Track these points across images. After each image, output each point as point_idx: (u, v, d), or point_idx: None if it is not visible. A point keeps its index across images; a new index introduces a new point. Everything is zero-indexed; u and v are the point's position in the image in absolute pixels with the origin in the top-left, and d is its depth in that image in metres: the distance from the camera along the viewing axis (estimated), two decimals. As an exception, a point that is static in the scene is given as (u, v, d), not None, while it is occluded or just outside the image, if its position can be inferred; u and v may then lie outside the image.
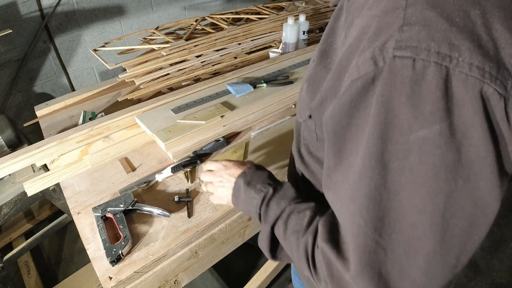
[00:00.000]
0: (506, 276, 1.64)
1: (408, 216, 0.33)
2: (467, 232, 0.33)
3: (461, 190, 0.31)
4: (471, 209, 0.32)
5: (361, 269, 0.36)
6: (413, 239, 0.33)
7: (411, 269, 0.35)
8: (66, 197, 0.86)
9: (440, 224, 0.32)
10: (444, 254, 0.34)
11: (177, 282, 0.78)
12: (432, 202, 0.32)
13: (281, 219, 0.49)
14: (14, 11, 1.72)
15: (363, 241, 0.36)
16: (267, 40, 1.50)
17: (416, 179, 0.32)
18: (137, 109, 1.02)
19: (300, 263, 0.46)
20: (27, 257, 1.69)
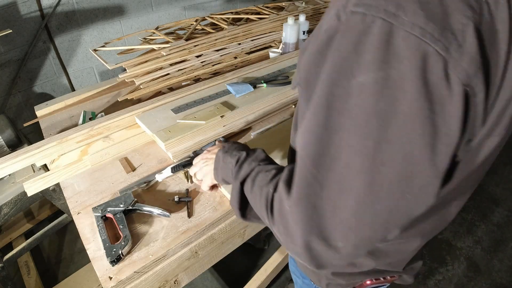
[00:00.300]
0: (506, 276, 1.64)
1: (344, 156, 0.35)
2: (398, 187, 0.35)
3: (392, 140, 0.33)
4: (401, 163, 0.34)
5: (298, 199, 0.40)
6: (346, 178, 0.36)
7: (342, 208, 0.37)
8: (66, 197, 0.86)
9: (370, 167, 0.34)
10: (374, 201, 0.36)
11: (177, 282, 0.78)
12: (364, 145, 0.34)
13: (249, 177, 0.54)
14: (14, 11, 1.72)
15: (304, 173, 0.39)
16: (267, 40, 1.50)
17: (352, 121, 0.34)
18: (137, 109, 1.02)
19: (261, 212, 0.49)
20: (27, 257, 1.69)
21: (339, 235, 0.39)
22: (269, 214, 0.47)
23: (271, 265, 1.52)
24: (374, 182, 0.35)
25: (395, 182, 0.35)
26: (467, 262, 1.71)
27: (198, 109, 1.01)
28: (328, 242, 0.39)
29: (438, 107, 0.32)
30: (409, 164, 0.34)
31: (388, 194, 0.36)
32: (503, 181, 2.16)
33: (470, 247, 1.78)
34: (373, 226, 0.38)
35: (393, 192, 0.35)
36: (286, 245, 0.44)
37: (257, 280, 1.49)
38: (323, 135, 0.37)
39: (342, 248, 0.39)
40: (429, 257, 1.73)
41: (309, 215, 0.39)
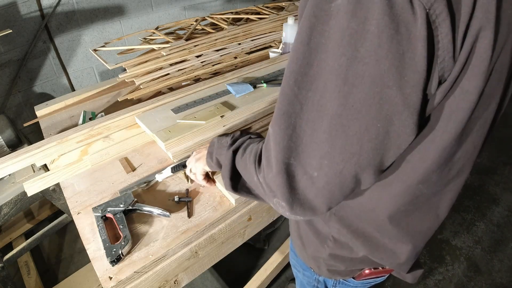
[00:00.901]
0: (506, 276, 1.64)
1: (323, 75, 0.37)
2: (368, 111, 0.37)
3: (362, 59, 0.35)
4: (370, 84, 0.35)
5: (280, 116, 0.42)
6: (323, 98, 0.38)
7: (318, 131, 0.39)
8: (66, 197, 0.86)
9: (343, 88, 0.36)
10: (345, 124, 0.38)
11: (177, 282, 0.78)
12: (338, 64, 0.36)
13: (241, 147, 0.59)
14: (14, 11, 1.72)
15: (286, 91, 0.41)
16: (267, 40, 1.50)
17: (330, 42, 0.36)
18: (137, 109, 1.02)
19: (250, 171, 0.52)
20: (27, 257, 1.69)
21: (315, 162, 0.41)
22: (256, 166, 0.50)
23: (271, 265, 1.52)
24: (346, 103, 0.37)
25: (365, 105, 0.36)
26: (467, 262, 1.71)
27: (198, 109, 1.01)
28: (304, 168, 0.42)
29: (403, 29, 0.33)
30: (377, 86, 0.35)
31: (359, 118, 0.37)
32: (503, 181, 2.16)
33: (470, 247, 1.78)
34: (344, 155, 0.39)
35: (363, 117, 0.37)
36: (268, 180, 0.46)
37: (257, 280, 1.49)
38: (305, 54, 0.38)
39: (317, 179, 0.41)
40: (429, 257, 1.73)
41: (289, 135, 0.41)
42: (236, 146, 0.61)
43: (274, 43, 1.52)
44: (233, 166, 0.59)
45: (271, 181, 0.45)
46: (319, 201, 0.44)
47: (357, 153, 0.39)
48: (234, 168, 0.59)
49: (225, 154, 0.62)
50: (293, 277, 1.65)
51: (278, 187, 0.44)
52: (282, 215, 0.58)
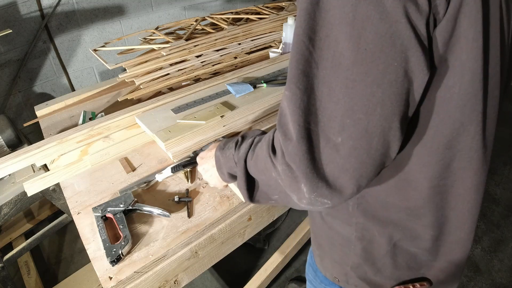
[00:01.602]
0: (506, 276, 1.64)
1: (333, 29, 0.37)
2: (382, 51, 0.36)
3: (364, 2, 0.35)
4: (378, 23, 0.35)
5: (296, 76, 0.40)
6: (336, 52, 0.37)
7: (336, 87, 0.38)
8: (66, 197, 0.86)
9: (352, 32, 0.36)
10: (362, 70, 0.37)
11: (177, 282, 0.78)
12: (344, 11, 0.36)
13: (250, 151, 0.55)
14: (14, 11, 1.72)
15: (300, 48, 0.39)
16: (267, 40, 1.50)
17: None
18: (137, 109, 1.02)
19: (265, 166, 0.48)
20: (27, 257, 1.69)
21: (336, 124, 0.39)
22: (271, 155, 0.46)
23: (271, 265, 1.52)
24: (358, 48, 0.36)
25: (378, 44, 0.36)
26: (467, 262, 1.71)
27: (198, 109, 1.01)
28: (326, 134, 0.39)
29: None
30: (386, 22, 0.35)
31: (374, 60, 0.36)
32: (503, 181, 2.16)
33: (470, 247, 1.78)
34: (367, 107, 0.38)
35: (378, 57, 0.36)
36: (288, 155, 0.42)
37: (257, 280, 1.49)
38: (314, 12, 0.38)
39: (341, 145, 0.39)
40: (429, 257, 1.73)
41: (308, 96, 0.39)
42: (244, 153, 0.56)
43: (274, 43, 1.52)
44: (248, 175, 0.55)
45: (292, 154, 0.41)
46: (347, 176, 0.40)
47: (380, 102, 0.37)
48: (248, 176, 0.55)
49: (235, 165, 0.59)
50: (293, 277, 1.65)
51: (300, 161, 0.40)
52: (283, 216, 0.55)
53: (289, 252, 1.58)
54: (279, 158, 0.44)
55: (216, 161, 0.66)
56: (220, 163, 0.64)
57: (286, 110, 0.42)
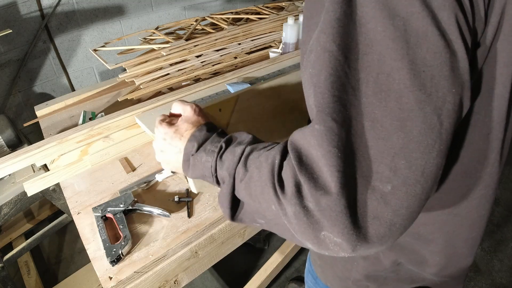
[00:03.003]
0: (506, 276, 1.64)
1: (375, 48, 0.31)
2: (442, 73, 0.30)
3: (419, 14, 0.30)
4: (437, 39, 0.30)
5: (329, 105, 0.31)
6: (382, 74, 0.31)
7: (385, 120, 0.31)
8: (66, 197, 0.86)
9: (406, 50, 0.30)
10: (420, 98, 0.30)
11: (177, 282, 0.78)
12: (393, 25, 0.30)
13: (241, 165, 0.43)
14: (14, 11, 1.72)
15: (335, 69, 0.32)
16: (267, 40, 1.50)
17: (377, 7, 0.30)
18: (137, 109, 1.02)
19: (263, 196, 0.38)
20: (27, 257, 1.69)
21: (385, 168, 0.30)
22: (277, 188, 0.35)
23: (271, 265, 1.52)
24: (415, 69, 0.29)
25: (438, 65, 0.30)
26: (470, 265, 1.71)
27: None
28: (371, 183, 0.30)
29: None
30: (443, 39, 0.30)
31: (434, 85, 0.30)
32: (503, 181, 2.16)
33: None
34: (426, 143, 0.30)
35: (438, 82, 0.30)
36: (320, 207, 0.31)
37: (257, 280, 1.49)
38: (345, 29, 0.31)
39: (391, 194, 0.30)
40: (429, 257, 1.73)
41: (346, 132, 0.31)
42: (230, 166, 0.44)
43: (274, 43, 1.52)
44: (233, 194, 0.45)
45: (326, 209, 0.31)
46: (393, 232, 0.31)
47: (439, 136, 0.30)
48: (234, 196, 0.45)
49: (211, 176, 0.47)
50: (293, 277, 1.65)
51: (337, 217, 0.30)
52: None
53: (289, 252, 1.58)
54: (291, 198, 0.34)
55: (185, 154, 0.51)
56: (189, 162, 0.51)
57: (313, 150, 0.32)
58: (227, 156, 0.46)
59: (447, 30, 0.30)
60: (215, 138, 0.50)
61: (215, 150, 0.48)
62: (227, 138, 0.49)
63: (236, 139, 0.48)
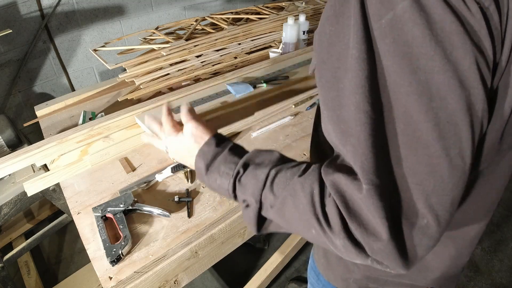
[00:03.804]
0: (506, 276, 1.64)
1: (399, 100, 0.33)
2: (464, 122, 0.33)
3: (441, 67, 0.31)
4: (460, 91, 0.32)
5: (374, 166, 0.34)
6: (408, 126, 0.33)
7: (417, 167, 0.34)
8: (66, 197, 0.86)
9: (430, 104, 0.32)
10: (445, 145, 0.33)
11: (177, 282, 0.78)
12: (415, 79, 0.32)
13: (269, 192, 0.44)
14: (14, 11, 1.72)
15: (371, 129, 0.34)
16: (267, 40, 1.50)
17: (398, 61, 0.32)
18: (137, 109, 1.02)
19: (302, 218, 0.40)
20: (27, 257, 1.69)
21: (421, 206, 0.34)
22: (322, 221, 0.38)
23: (271, 265, 1.52)
24: (439, 122, 0.32)
25: (460, 115, 0.32)
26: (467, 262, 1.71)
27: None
28: (411, 221, 0.35)
29: (470, 27, 0.32)
30: (465, 90, 0.32)
31: (456, 133, 0.33)
32: (503, 181, 2.16)
33: (470, 247, 1.78)
34: (452, 181, 0.34)
35: (460, 130, 0.33)
36: (375, 251, 0.36)
37: (257, 280, 1.49)
38: (375, 84, 0.34)
39: (427, 227, 0.35)
40: (429, 257, 1.73)
41: (391, 191, 0.35)
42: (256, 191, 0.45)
43: (274, 43, 1.52)
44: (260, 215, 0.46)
45: (380, 252, 0.36)
46: (427, 251, 0.37)
47: (463, 174, 0.34)
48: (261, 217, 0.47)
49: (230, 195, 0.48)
50: (293, 277, 1.65)
51: (391, 258, 0.36)
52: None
53: (289, 252, 1.58)
54: (339, 233, 0.37)
55: (197, 174, 0.53)
56: (203, 179, 0.52)
57: (362, 202, 0.35)
58: (248, 180, 0.46)
59: (468, 79, 0.32)
60: (228, 158, 0.49)
61: (230, 173, 0.48)
62: (244, 161, 0.48)
63: (254, 160, 0.48)
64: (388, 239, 0.34)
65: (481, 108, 0.33)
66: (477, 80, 0.32)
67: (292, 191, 0.41)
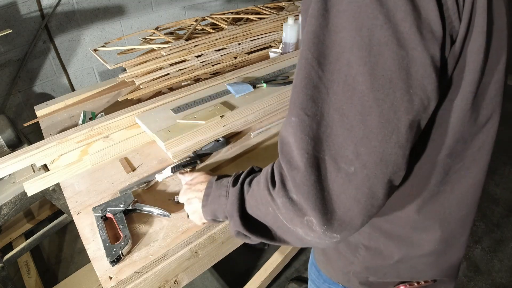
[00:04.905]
0: (506, 276, 1.64)
1: (345, 53, 0.36)
2: (399, 78, 0.35)
3: (382, 25, 0.34)
4: (396, 49, 0.35)
5: (304, 101, 0.38)
6: (349, 76, 0.36)
7: (349, 114, 0.37)
8: (66, 197, 0.86)
9: (368, 58, 0.35)
10: (378, 97, 0.35)
11: (177, 282, 0.78)
12: (360, 35, 0.35)
13: (246, 184, 0.53)
14: (14, 11, 1.72)
15: (308, 73, 0.38)
16: (267, 40, 1.50)
17: (347, 17, 0.35)
18: (137, 109, 1.02)
19: (262, 200, 0.46)
20: (27, 257, 1.69)
21: (349, 152, 0.36)
22: (270, 187, 0.43)
23: (271, 265, 1.53)
24: (375, 74, 0.35)
25: (395, 71, 0.35)
26: (467, 262, 1.71)
27: (198, 109, 1.01)
28: (338, 164, 0.37)
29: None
30: (403, 49, 0.34)
31: (392, 87, 0.35)
32: (503, 181, 2.16)
33: (470, 247, 1.78)
34: (383, 135, 0.36)
35: (395, 84, 0.35)
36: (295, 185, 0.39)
37: (257, 280, 1.49)
38: (325, 35, 0.37)
39: (354, 175, 0.37)
40: (429, 257, 1.73)
41: (317, 123, 0.38)
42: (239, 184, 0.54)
43: (274, 43, 1.52)
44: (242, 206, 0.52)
45: (300, 185, 0.38)
46: (359, 207, 0.38)
47: (396, 129, 0.36)
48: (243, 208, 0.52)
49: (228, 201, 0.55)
50: (293, 277, 1.65)
51: (309, 191, 0.38)
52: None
53: (289, 252, 1.58)
54: (278, 191, 0.42)
55: (204, 198, 0.62)
56: (207, 202, 0.61)
57: (290, 137, 0.40)
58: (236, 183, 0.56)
59: (407, 39, 0.34)
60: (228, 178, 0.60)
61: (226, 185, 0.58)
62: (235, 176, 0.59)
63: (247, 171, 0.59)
64: (305, 169, 0.37)
65: (422, 71, 0.35)
66: (417, 42, 0.34)
67: (258, 178, 0.49)
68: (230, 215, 0.53)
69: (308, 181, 0.38)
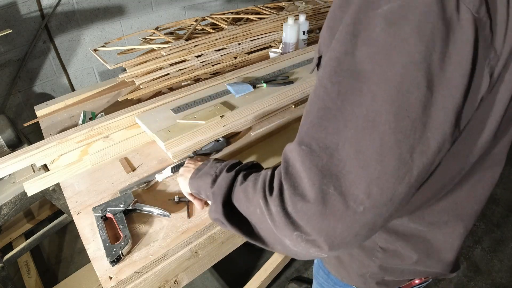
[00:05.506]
0: (506, 276, 1.64)
1: (371, 87, 0.34)
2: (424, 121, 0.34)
3: (417, 65, 0.33)
4: (426, 91, 0.33)
5: (317, 131, 0.37)
6: (371, 112, 0.34)
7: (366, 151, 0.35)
8: (66, 197, 0.86)
9: (396, 96, 0.33)
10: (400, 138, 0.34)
11: (177, 282, 0.78)
12: (392, 71, 0.33)
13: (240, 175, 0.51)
14: (14, 11, 1.72)
15: (326, 103, 0.37)
16: (267, 40, 1.50)
17: (379, 49, 0.34)
18: (137, 109, 1.02)
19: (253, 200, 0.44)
20: (27, 257, 1.69)
21: (360, 191, 0.35)
22: (267, 194, 0.41)
23: (271, 265, 1.52)
24: (400, 114, 0.33)
25: (421, 113, 0.33)
26: (467, 262, 1.71)
27: (198, 109, 1.01)
28: (347, 201, 0.35)
29: (454, 33, 0.33)
30: (431, 92, 0.33)
31: (415, 129, 0.34)
32: (503, 181, 2.16)
33: (470, 247, 1.78)
34: (398, 176, 0.35)
35: (419, 127, 0.34)
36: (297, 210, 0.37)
37: (257, 280, 1.49)
38: (349, 64, 0.35)
39: (362, 214, 0.35)
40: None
41: (330, 155, 0.36)
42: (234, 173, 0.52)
43: (274, 43, 1.52)
44: (229, 194, 0.50)
45: (302, 213, 0.37)
46: (357, 240, 0.37)
47: (409, 170, 0.35)
48: (229, 196, 0.50)
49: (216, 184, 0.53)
50: (293, 277, 1.65)
51: (311, 220, 0.36)
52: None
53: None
54: (275, 199, 0.40)
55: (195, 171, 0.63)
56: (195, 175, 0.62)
57: (297, 164, 0.38)
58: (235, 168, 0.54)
59: (436, 82, 0.33)
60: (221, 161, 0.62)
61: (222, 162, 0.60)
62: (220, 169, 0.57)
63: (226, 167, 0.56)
64: (313, 202, 0.36)
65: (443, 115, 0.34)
66: (444, 85, 0.33)
67: (252, 179, 0.47)
68: (214, 198, 0.52)
69: (310, 211, 0.36)
